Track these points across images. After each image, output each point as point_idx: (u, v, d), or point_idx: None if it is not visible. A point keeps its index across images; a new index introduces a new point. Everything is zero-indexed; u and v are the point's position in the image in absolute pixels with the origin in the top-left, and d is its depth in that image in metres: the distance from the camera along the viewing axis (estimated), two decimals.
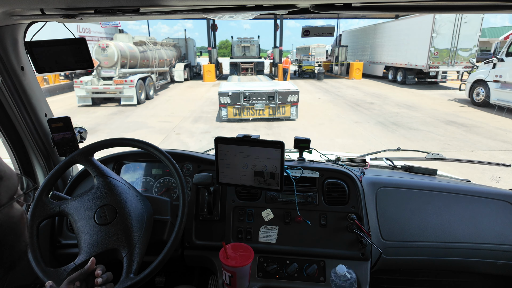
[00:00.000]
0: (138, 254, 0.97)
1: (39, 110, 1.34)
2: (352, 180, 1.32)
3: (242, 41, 21.80)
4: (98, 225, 1.00)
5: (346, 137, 6.77)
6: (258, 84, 10.06)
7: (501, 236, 1.28)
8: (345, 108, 10.00)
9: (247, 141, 1.09)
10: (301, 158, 1.43)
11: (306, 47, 30.33)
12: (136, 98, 10.79)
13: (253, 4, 0.95)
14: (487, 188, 1.43)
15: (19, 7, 0.99)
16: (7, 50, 1.15)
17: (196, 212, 1.35)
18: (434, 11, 0.96)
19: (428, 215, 1.30)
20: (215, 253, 1.21)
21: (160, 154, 1.13)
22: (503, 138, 6.49)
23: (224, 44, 78.49)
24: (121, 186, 1.09)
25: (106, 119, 8.91)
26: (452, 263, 1.27)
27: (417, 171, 1.60)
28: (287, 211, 1.29)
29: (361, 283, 1.18)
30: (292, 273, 1.21)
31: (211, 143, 1.32)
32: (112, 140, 1.15)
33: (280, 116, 8.30)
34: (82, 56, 1.20)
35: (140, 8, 1.00)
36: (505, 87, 8.67)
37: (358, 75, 19.06)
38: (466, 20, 13.07)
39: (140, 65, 12.44)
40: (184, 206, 1.07)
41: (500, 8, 0.88)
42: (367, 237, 1.21)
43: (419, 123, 7.78)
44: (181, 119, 8.61)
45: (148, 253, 1.03)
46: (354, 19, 40.48)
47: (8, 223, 0.49)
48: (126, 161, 1.47)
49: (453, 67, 14.05)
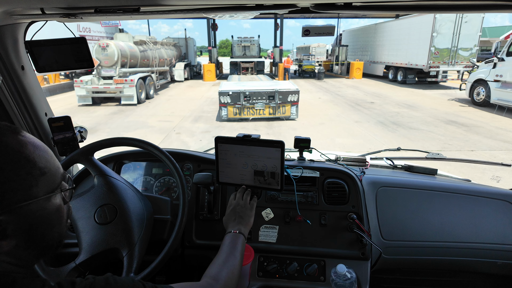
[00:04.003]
0: (138, 253, 0.97)
1: (40, 110, 1.34)
2: (352, 179, 1.32)
3: (243, 41, 21.79)
4: (99, 225, 1.00)
5: (346, 137, 6.77)
6: (258, 83, 10.05)
7: (501, 236, 1.28)
8: (345, 108, 10.00)
9: (247, 140, 1.09)
10: (301, 157, 1.43)
11: (307, 47, 30.35)
12: (136, 97, 10.79)
13: (254, 4, 0.95)
14: (487, 187, 1.43)
15: (19, 6, 0.99)
16: (7, 49, 1.15)
17: (196, 212, 1.35)
18: (435, 10, 0.96)
19: (428, 214, 1.30)
20: (215, 252, 1.21)
21: (160, 153, 1.13)
22: (504, 137, 6.48)
23: (224, 44, 78.50)
24: (121, 186, 1.09)
25: (106, 118, 8.92)
26: (452, 262, 1.27)
27: (417, 171, 1.60)
28: (287, 211, 1.29)
29: (361, 283, 1.18)
30: (292, 273, 1.21)
31: (211, 143, 1.32)
32: (112, 139, 1.15)
33: (280, 116, 8.30)
34: (82, 56, 1.20)
35: (140, 7, 1.00)
36: (506, 86, 8.66)
37: (358, 74, 19.04)
38: (467, 19, 13.05)
39: (140, 64, 12.44)
40: (184, 206, 1.07)
41: (500, 7, 0.88)
42: (367, 236, 1.21)
43: (419, 123, 7.78)
44: (181, 119, 8.61)
45: (148, 252, 1.03)
46: (355, 18, 40.46)
47: (41, 214, 0.55)
48: (126, 160, 1.47)
49: (454, 66, 14.04)
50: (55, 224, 0.58)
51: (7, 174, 0.49)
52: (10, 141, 0.51)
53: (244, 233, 0.98)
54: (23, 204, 0.51)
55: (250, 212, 1.05)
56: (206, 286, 0.75)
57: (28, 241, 0.54)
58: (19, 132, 0.54)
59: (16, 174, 0.50)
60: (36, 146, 0.55)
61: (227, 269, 0.83)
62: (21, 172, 0.51)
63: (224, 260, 0.86)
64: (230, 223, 1.02)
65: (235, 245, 0.92)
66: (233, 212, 1.04)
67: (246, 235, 1.00)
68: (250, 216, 1.04)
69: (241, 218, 1.02)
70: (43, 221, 0.55)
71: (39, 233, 0.55)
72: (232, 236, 0.96)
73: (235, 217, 1.02)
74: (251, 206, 1.06)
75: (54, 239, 0.59)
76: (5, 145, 0.50)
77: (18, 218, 0.51)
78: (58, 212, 0.59)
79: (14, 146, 0.51)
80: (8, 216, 0.49)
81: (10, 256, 0.53)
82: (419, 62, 14.50)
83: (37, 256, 0.57)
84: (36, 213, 0.54)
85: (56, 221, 0.58)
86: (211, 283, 0.76)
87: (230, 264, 0.85)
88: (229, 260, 0.87)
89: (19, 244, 0.52)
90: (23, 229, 0.52)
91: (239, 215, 1.02)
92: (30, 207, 0.52)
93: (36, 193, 0.53)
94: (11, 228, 0.50)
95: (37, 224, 0.54)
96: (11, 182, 0.50)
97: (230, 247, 0.91)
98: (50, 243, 0.59)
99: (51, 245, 0.59)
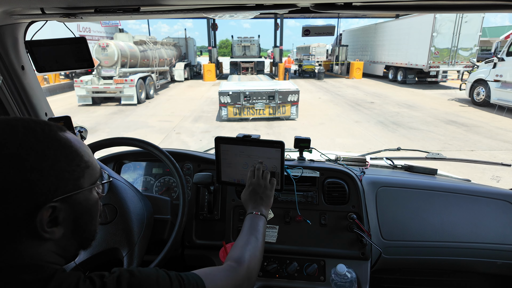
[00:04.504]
0: (138, 253, 0.97)
1: (40, 110, 1.34)
2: (352, 179, 1.32)
3: (243, 41, 21.78)
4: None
5: (346, 137, 6.77)
6: (258, 83, 10.05)
7: (501, 236, 1.28)
8: (345, 108, 10.00)
9: (247, 140, 1.09)
10: (301, 157, 1.43)
11: (307, 47, 30.32)
12: (136, 97, 10.79)
13: (254, 4, 0.95)
14: (487, 187, 1.43)
15: (19, 6, 0.99)
16: (7, 49, 1.15)
17: (196, 212, 1.35)
18: (435, 10, 0.96)
19: (428, 214, 1.30)
20: (215, 252, 1.22)
21: (161, 153, 1.13)
22: (504, 137, 6.48)
23: (224, 44, 78.49)
24: (121, 186, 1.09)
25: (106, 118, 8.92)
26: (452, 262, 1.27)
27: (417, 171, 1.60)
28: (287, 211, 1.29)
29: (361, 283, 1.18)
30: (292, 273, 1.22)
31: (211, 143, 1.32)
32: (112, 139, 1.15)
33: (280, 116, 8.30)
34: (82, 56, 1.20)
35: (140, 7, 1.00)
36: (506, 86, 8.66)
37: (358, 74, 19.04)
38: (467, 19, 13.05)
39: (140, 64, 12.44)
40: (184, 206, 1.07)
41: (500, 7, 0.88)
42: (367, 236, 1.22)
43: (419, 123, 7.78)
44: (181, 119, 8.61)
45: (149, 252, 1.03)
46: (355, 18, 40.46)
47: (86, 205, 0.60)
48: (127, 160, 1.47)
49: (454, 66, 14.03)
50: (94, 216, 0.64)
51: (62, 165, 0.54)
52: (62, 136, 0.57)
53: (265, 214, 0.97)
54: (73, 194, 0.56)
55: (271, 192, 1.02)
56: (229, 269, 0.74)
57: (73, 230, 0.58)
58: (65, 130, 0.60)
59: (68, 165, 0.56)
60: (81, 142, 0.61)
61: (250, 251, 0.82)
62: (72, 164, 0.56)
63: (245, 242, 0.85)
64: (251, 204, 0.99)
65: (256, 227, 0.91)
66: (254, 192, 1.00)
67: (267, 216, 0.98)
68: (270, 197, 1.01)
69: (262, 199, 0.99)
70: (86, 211, 0.60)
71: (82, 223, 0.60)
72: (252, 217, 0.94)
73: (256, 198, 0.99)
74: (271, 186, 1.03)
75: (92, 231, 0.64)
76: (59, 140, 0.56)
77: (68, 207, 0.56)
78: (97, 204, 0.64)
79: (66, 141, 0.57)
80: (61, 204, 0.54)
81: (56, 245, 0.56)
82: (419, 62, 14.50)
83: (77, 247, 0.62)
84: (82, 203, 0.59)
85: (95, 213, 0.64)
86: (234, 266, 0.75)
87: (252, 246, 0.84)
88: (250, 241, 0.85)
89: (66, 233, 0.57)
90: (71, 218, 0.57)
91: (260, 196, 1.00)
92: (78, 197, 0.57)
93: (83, 183, 0.58)
94: (62, 216, 0.55)
95: (81, 214, 0.59)
96: (65, 173, 0.55)
97: (252, 229, 0.90)
98: (89, 235, 0.63)
99: (88, 237, 0.64)
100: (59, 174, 0.54)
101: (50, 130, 0.55)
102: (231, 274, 0.72)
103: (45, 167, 0.52)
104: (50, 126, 0.56)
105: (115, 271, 0.57)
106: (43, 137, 0.53)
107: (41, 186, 0.51)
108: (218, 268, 0.74)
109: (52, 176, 0.52)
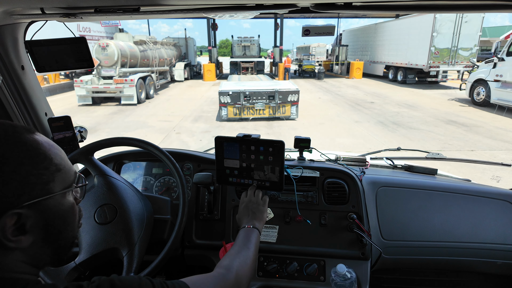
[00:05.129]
0: (138, 253, 0.97)
1: (40, 109, 1.34)
2: (352, 179, 1.32)
3: (243, 41, 21.79)
4: (98, 224, 1.00)
5: (346, 137, 6.77)
6: (258, 83, 10.05)
7: (501, 236, 1.28)
8: (345, 108, 10.00)
9: (247, 140, 1.09)
10: (301, 157, 1.43)
11: (307, 47, 30.34)
12: (136, 97, 10.79)
13: (254, 3, 0.95)
14: (487, 187, 1.43)
15: (19, 6, 0.99)
16: (7, 49, 1.15)
17: (196, 212, 1.35)
18: (435, 10, 0.96)
19: (428, 214, 1.30)
20: (215, 252, 1.22)
21: (160, 153, 1.13)
22: (504, 137, 6.48)
23: (224, 44, 78.49)
24: (121, 186, 1.09)
25: (106, 118, 8.92)
26: (452, 262, 1.27)
27: (417, 171, 1.60)
28: (287, 211, 1.29)
29: (361, 283, 1.18)
30: (292, 273, 1.21)
31: (211, 143, 1.32)
32: (112, 139, 1.15)
33: (280, 116, 8.30)
34: (82, 55, 1.20)
35: (140, 7, 1.00)
36: (506, 86, 8.66)
37: (358, 74, 19.04)
38: (467, 19, 13.04)
39: (140, 64, 12.43)
40: (184, 205, 1.07)
41: (500, 7, 0.88)
42: (367, 236, 1.22)
43: (419, 123, 7.78)
44: (181, 119, 8.61)
45: (148, 252, 1.03)
46: (355, 18, 40.45)
47: (57, 210, 0.57)
48: (126, 160, 1.47)
49: (454, 66, 14.02)
50: (70, 222, 0.60)
51: (27, 169, 0.51)
52: (28, 138, 0.53)
53: (258, 228, 0.98)
54: (41, 199, 0.53)
55: (263, 207, 1.05)
56: (218, 276, 0.74)
57: (44, 238, 0.55)
58: (34, 132, 0.57)
59: (34, 169, 0.52)
60: (51, 144, 0.58)
61: (240, 259, 0.82)
62: (39, 167, 0.53)
63: (237, 251, 0.86)
64: (244, 219, 1.01)
65: (248, 238, 0.92)
66: (246, 208, 1.04)
67: (260, 230, 0.99)
68: (263, 212, 1.04)
69: (254, 213, 1.02)
70: (59, 217, 0.57)
71: (55, 230, 0.57)
72: (245, 230, 0.96)
73: (248, 213, 1.02)
74: (264, 202, 1.06)
75: (68, 239, 0.61)
76: (24, 142, 0.52)
77: (36, 213, 0.52)
78: (72, 209, 0.61)
79: (32, 143, 0.53)
80: (27, 210, 0.51)
81: (26, 254, 0.53)
82: (419, 62, 14.50)
83: (52, 255, 0.58)
84: (53, 208, 0.55)
85: (70, 219, 0.60)
86: (223, 273, 0.76)
87: (242, 255, 0.85)
88: (242, 251, 0.86)
89: (36, 241, 0.53)
90: (41, 225, 0.54)
91: (252, 211, 1.02)
92: (48, 202, 0.54)
93: (53, 188, 0.55)
94: (29, 223, 0.51)
95: (53, 220, 0.56)
96: (30, 177, 0.51)
97: (244, 240, 0.91)
98: (64, 242, 0.60)
99: (65, 244, 0.61)
100: (23, 179, 0.50)
101: (14, 132, 0.52)
102: (220, 282, 0.72)
103: (6, 170, 0.49)
104: (15, 127, 0.53)
105: (95, 281, 0.55)
106: (4, 139, 0.50)
107: (1, 191, 0.48)
108: (206, 275, 0.74)
109: (15, 181, 0.49)
